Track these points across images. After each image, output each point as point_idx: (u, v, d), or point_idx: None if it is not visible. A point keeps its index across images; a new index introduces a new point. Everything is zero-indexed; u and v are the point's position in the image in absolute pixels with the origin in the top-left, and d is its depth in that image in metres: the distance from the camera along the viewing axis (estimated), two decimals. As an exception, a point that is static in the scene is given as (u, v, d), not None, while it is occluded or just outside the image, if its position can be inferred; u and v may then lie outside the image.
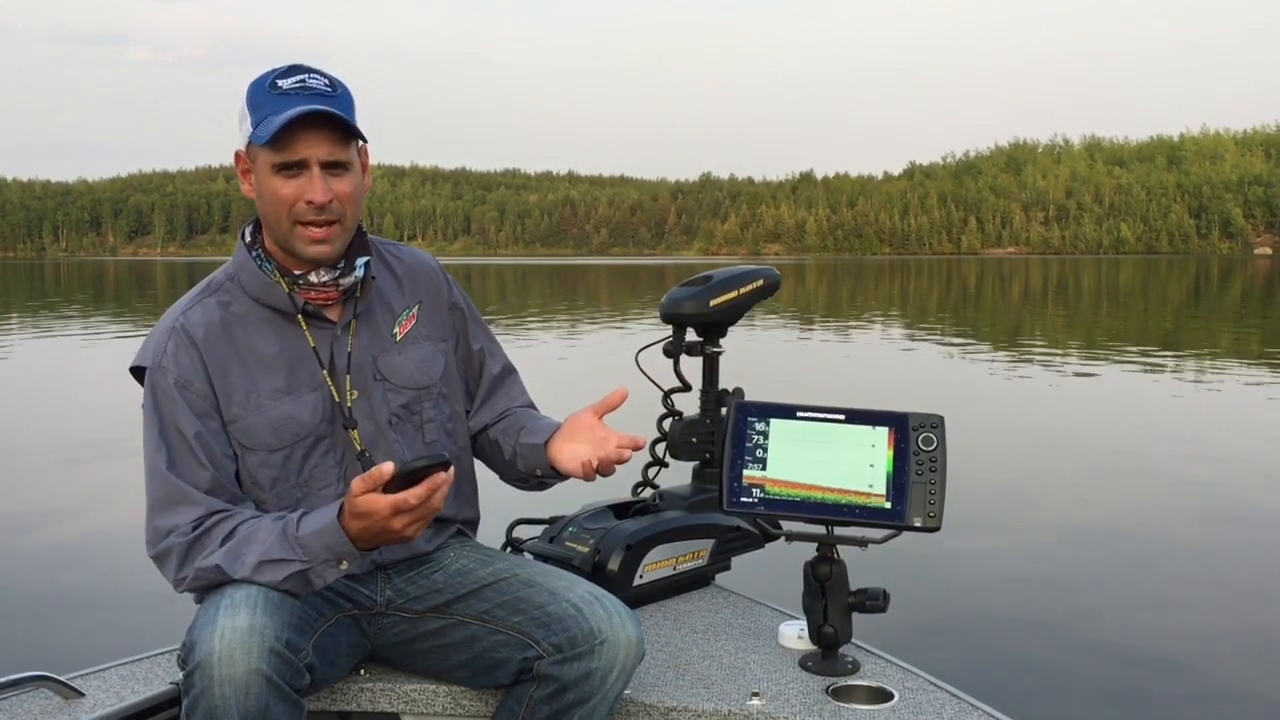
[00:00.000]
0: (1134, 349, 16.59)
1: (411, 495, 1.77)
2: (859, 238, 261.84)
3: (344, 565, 1.86)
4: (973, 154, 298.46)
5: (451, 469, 1.81)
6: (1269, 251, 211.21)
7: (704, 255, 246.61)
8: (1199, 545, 5.80)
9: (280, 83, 1.97)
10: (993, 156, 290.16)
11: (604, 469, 2.11)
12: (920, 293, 41.27)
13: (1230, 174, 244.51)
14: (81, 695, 2.16)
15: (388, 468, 1.76)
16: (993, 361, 15.24)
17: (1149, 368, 13.89)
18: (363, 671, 2.21)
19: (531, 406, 2.42)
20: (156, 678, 2.24)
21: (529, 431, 2.25)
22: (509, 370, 2.42)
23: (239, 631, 1.72)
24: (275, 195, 1.99)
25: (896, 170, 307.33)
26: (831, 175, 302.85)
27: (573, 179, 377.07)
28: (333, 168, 1.99)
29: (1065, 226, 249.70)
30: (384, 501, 1.77)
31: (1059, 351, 16.50)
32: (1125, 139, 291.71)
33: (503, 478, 2.38)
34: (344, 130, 1.99)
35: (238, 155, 2.05)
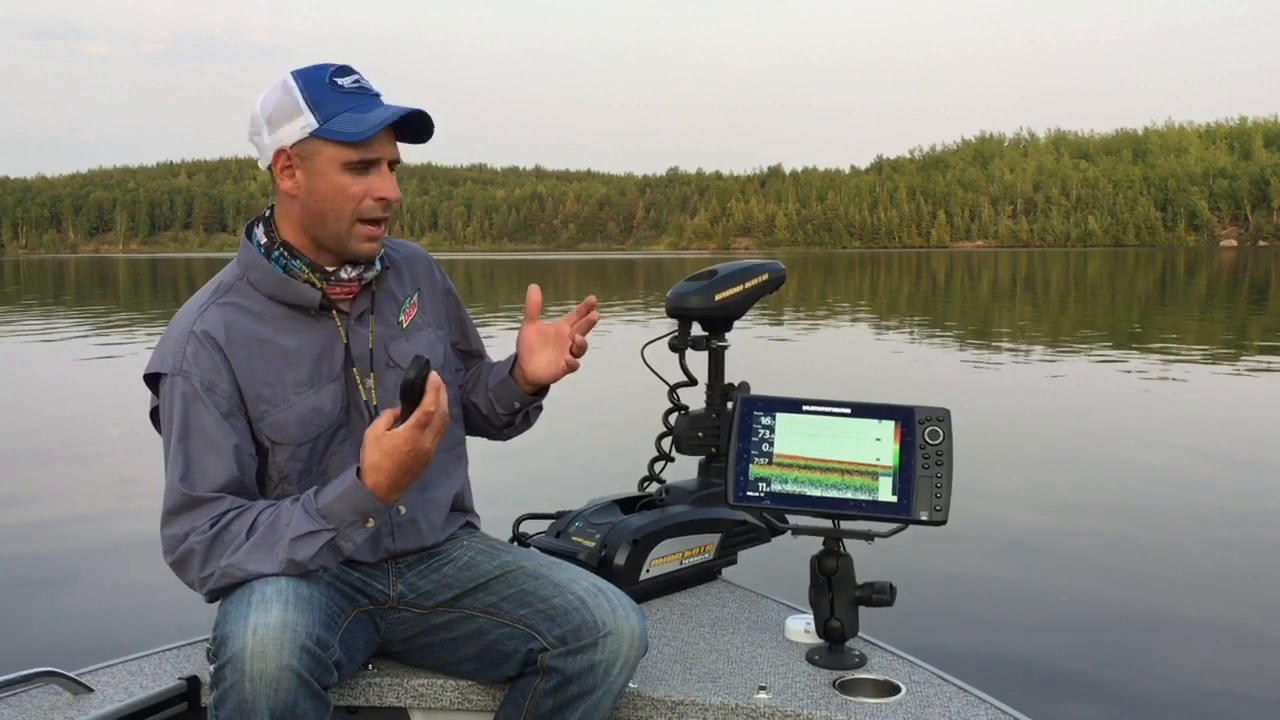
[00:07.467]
0: (1129, 342, 16.70)
1: (427, 403, 1.83)
2: (829, 232, 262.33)
3: (370, 523, 1.89)
4: (939, 148, 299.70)
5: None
6: (1234, 244, 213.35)
7: (673, 250, 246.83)
8: (1208, 538, 5.82)
9: (340, 81, 1.99)
10: (960, 150, 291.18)
11: (579, 350, 2.23)
12: (912, 287, 41.27)
13: (1195, 167, 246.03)
14: (90, 691, 2.15)
15: (387, 414, 1.86)
16: (994, 354, 15.29)
17: (1151, 360, 13.96)
18: (370, 666, 2.22)
19: None
20: (165, 674, 2.23)
21: (492, 375, 2.34)
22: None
23: (272, 627, 1.73)
24: (343, 192, 2.00)
25: (864, 164, 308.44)
26: (799, 169, 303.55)
27: (540, 174, 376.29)
28: (393, 167, 2.04)
29: (1033, 220, 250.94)
30: (405, 429, 1.83)
31: (1055, 344, 16.62)
32: (1091, 132, 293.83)
33: (492, 435, 2.44)
34: (428, 129, 2.05)
35: (281, 152, 2.00)
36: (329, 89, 1.98)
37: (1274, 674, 4.03)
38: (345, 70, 2.01)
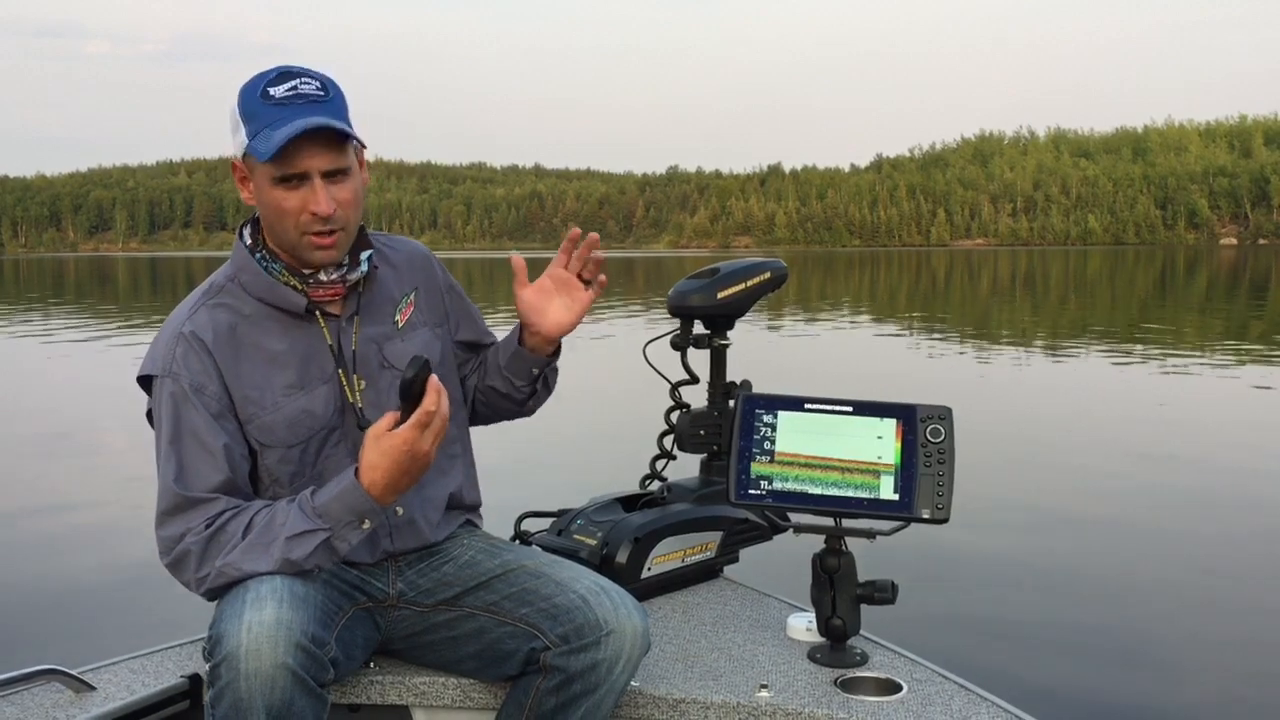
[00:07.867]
0: (1129, 340, 16.71)
1: (428, 403, 1.82)
2: (829, 230, 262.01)
3: (365, 524, 1.88)
4: (939, 146, 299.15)
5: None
6: (1234, 242, 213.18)
7: (673, 249, 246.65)
8: (1209, 536, 5.82)
9: (272, 91, 1.93)
10: (960, 149, 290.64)
11: (592, 275, 2.20)
12: (913, 285, 41.29)
13: (1195, 165, 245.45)
14: (92, 689, 2.15)
15: (388, 416, 1.85)
16: (996, 352, 15.28)
17: (1150, 359, 13.96)
18: (372, 664, 2.22)
19: None
20: (167, 671, 2.23)
21: (501, 354, 2.31)
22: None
23: (266, 625, 1.72)
24: (279, 207, 1.98)
25: (863, 162, 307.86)
26: (799, 168, 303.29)
27: (539, 172, 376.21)
28: (333, 175, 1.98)
29: (1033, 218, 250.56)
30: (404, 429, 1.82)
31: (1057, 343, 16.62)
32: (1091, 130, 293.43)
33: (516, 413, 2.41)
34: (342, 138, 1.97)
35: (234, 165, 2.03)
36: (260, 101, 1.93)
37: (1277, 673, 4.03)
38: (284, 76, 1.95)
